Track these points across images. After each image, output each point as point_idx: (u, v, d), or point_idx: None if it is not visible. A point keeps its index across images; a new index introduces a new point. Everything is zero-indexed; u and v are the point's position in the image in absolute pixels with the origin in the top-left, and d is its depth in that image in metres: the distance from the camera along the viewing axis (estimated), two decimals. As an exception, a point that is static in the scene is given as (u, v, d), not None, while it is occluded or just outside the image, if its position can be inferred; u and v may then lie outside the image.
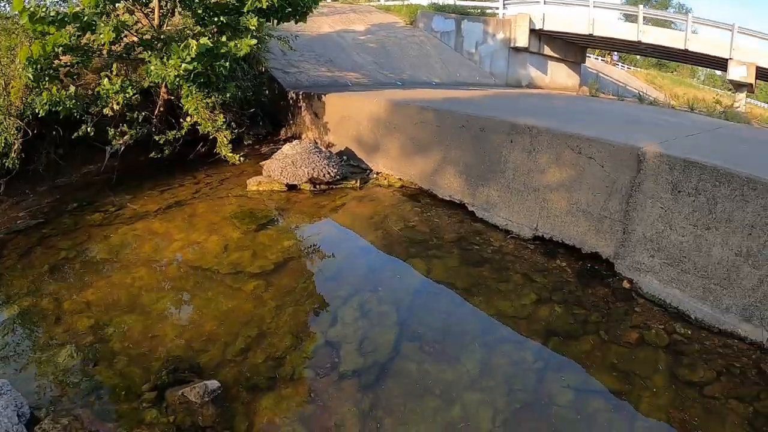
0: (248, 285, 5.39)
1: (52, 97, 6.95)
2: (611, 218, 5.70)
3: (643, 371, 4.37)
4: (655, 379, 4.29)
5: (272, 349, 4.51)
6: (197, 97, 7.93)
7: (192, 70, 7.14)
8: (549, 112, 8.41)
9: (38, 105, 7.00)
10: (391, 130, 8.53)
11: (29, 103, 7.28)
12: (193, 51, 6.90)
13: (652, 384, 4.24)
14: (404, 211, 7.38)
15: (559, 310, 5.15)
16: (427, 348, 4.59)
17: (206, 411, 3.87)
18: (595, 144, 5.77)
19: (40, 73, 6.93)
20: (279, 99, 11.25)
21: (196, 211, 7.19)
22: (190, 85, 7.63)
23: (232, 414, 3.90)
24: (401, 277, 5.74)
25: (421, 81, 15.45)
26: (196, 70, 7.21)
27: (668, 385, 4.22)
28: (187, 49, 6.93)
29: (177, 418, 3.83)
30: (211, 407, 3.90)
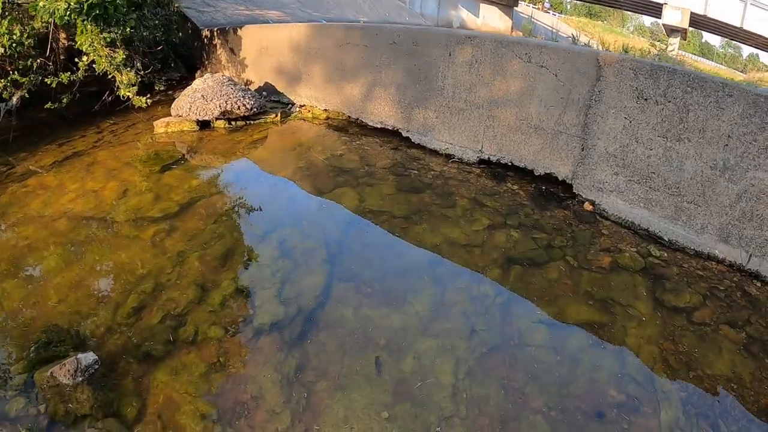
0: (147, 231, 4.47)
1: None
2: (567, 133, 5.11)
3: (624, 298, 3.82)
4: (638, 306, 3.77)
5: (171, 306, 3.59)
6: (92, 31, 6.87)
7: (84, 1, 6.22)
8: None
9: None
10: (314, 57, 7.62)
11: None
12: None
13: (636, 312, 3.70)
14: (330, 142, 6.56)
15: (516, 235, 4.48)
16: (366, 289, 3.75)
17: (81, 395, 2.90)
18: (548, 51, 5.13)
19: None
20: (193, 39, 10.22)
21: (96, 159, 6.19)
22: (84, 19, 6.60)
23: (117, 395, 2.98)
24: (329, 207, 4.88)
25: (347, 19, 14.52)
26: (89, 2, 6.27)
27: (653, 313, 3.71)
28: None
29: (48, 406, 2.88)
30: (87, 390, 2.93)
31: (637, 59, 4.56)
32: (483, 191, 5.16)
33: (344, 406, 2.91)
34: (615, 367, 3.25)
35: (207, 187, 5.24)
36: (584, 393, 3.09)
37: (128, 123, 7.61)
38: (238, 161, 6.17)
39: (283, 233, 4.37)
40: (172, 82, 9.57)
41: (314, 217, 4.70)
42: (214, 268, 3.95)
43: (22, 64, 6.93)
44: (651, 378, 3.21)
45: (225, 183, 5.39)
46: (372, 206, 4.86)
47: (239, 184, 5.45)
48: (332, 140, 6.60)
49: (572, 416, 2.94)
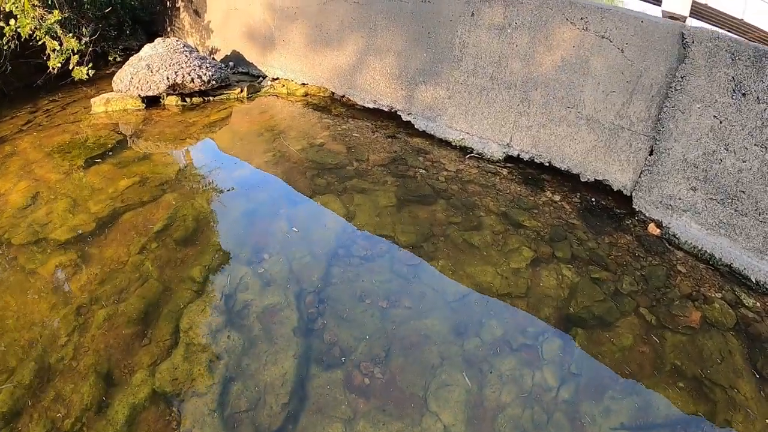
0: (50, 263, 3.21)
1: None
2: (632, 130, 4.12)
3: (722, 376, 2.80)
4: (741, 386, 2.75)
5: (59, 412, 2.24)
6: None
7: None
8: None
9: None
10: (292, 19, 6.37)
11: None
12: None
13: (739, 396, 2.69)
14: (309, 125, 5.27)
15: (570, 275, 3.33)
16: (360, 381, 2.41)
17: None
18: (612, 17, 4.01)
19: None
20: (154, 3, 9.19)
21: (17, 147, 5.02)
22: None
23: None
24: (303, 231, 3.51)
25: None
26: None
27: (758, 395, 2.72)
28: None
29: None
30: None
31: (738, 39, 3.54)
32: (516, 204, 3.99)
33: None
34: None
35: (138, 191, 3.88)
36: None
37: (70, 100, 6.44)
38: (186, 152, 4.88)
39: (234, 278, 2.96)
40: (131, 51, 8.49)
41: (281, 247, 3.31)
42: (126, 342, 2.55)
43: None
44: None
45: (162, 186, 4.01)
46: (365, 226, 3.56)
47: (180, 188, 4.09)
48: (311, 123, 5.32)
49: None
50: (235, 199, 3.90)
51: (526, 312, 2.94)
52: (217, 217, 3.67)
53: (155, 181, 4.01)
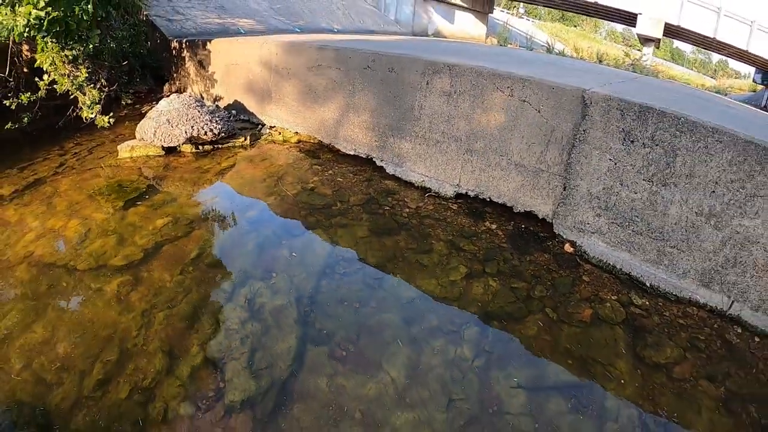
0: (112, 283, 4.14)
1: None
2: (549, 172, 4.95)
3: (604, 356, 3.66)
4: (619, 364, 3.61)
5: (139, 377, 3.29)
6: (53, 49, 6.48)
7: (45, 16, 5.81)
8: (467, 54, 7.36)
9: None
10: (286, 77, 7.34)
11: None
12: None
13: (615, 371, 3.56)
14: (301, 171, 6.26)
15: (495, 285, 4.28)
16: (339, 353, 3.51)
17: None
18: (530, 85, 4.94)
19: None
20: (162, 50, 9.88)
21: (58, 189, 5.81)
22: (44, 35, 6.20)
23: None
24: (300, 255, 4.62)
25: (321, 28, 14.26)
26: (50, 17, 5.86)
27: (633, 371, 3.58)
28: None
29: None
30: None
31: (625, 99, 4.41)
32: (461, 232, 4.96)
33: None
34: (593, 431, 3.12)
35: (172, 228, 4.92)
36: None
37: (93, 143, 7.24)
38: (205, 196, 5.84)
39: (252, 288, 4.10)
40: (140, 95, 9.27)
41: (284, 267, 4.42)
42: (181, 331, 3.67)
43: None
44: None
45: (191, 224, 5.05)
46: (345, 253, 4.62)
47: (206, 225, 5.14)
48: (304, 169, 6.32)
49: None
50: (248, 233, 4.94)
51: (456, 310, 3.95)
52: (236, 247, 4.73)
53: (185, 220, 5.03)
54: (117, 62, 8.23)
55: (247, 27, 11.74)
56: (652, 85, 6.91)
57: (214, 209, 5.49)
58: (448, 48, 8.67)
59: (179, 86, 9.62)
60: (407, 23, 19.77)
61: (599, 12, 26.03)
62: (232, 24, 11.66)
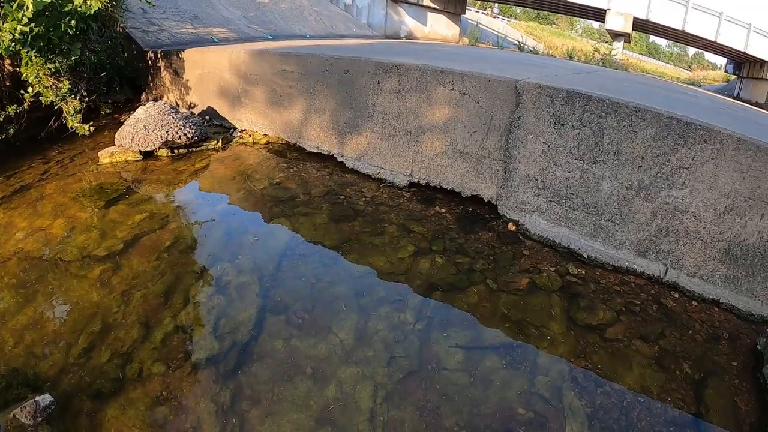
0: (94, 271, 4.62)
1: None
2: (490, 157, 5.34)
3: (538, 319, 4.05)
4: (552, 326, 3.99)
5: (118, 345, 3.78)
6: (37, 63, 6.84)
7: (29, 32, 6.11)
8: (423, 55, 7.80)
9: None
10: (254, 83, 7.78)
11: None
12: (29, 11, 5.89)
13: (548, 332, 3.93)
14: (270, 168, 6.70)
15: (440, 260, 4.71)
16: (295, 320, 3.98)
17: (42, 432, 3.16)
18: (469, 79, 5.34)
19: None
20: (138, 61, 10.19)
21: (43, 193, 6.23)
22: (28, 50, 6.54)
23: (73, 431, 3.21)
24: (263, 240, 5.08)
25: (294, 34, 14.63)
26: (33, 33, 6.18)
27: (566, 332, 3.93)
28: (22, 9, 5.90)
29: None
30: (47, 428, 3.19)
31: (553, 86, 4.80)
32: (411, 216, 5.39)
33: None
34: (525, 387, 3.49)
35: (149, 222, 5.36)
36: (494, 412, 3.33)
37: (74, 152, 7.62)
38: (180, 194, 6.29)
39: (219, 269, 4.56)
40: (119, 104, 9.59)
41: (249, 251, 4.88)
42: (156, 307, 4.14)
43: None
44: (559, 395, 3.44)
45: (166, 218, 5.50)
46: (305, 237, 5.06)
47: (180, 218, 5.60)
48: (271, 167, 6.76)
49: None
50: (218, 224, 5.39)
51: (403, 283, 4.38)
52: (206, 235, 5.18)
53: (161, 215, 5.44)
54: (95, 74, 8.58)
55: (220, 36, 12.11)
56: (607, 77, 7.35)
57: (188, 204, 5.96)
58: (410, 49, 9.15)
59: (155, 95, 9.99)
60: (379, 26, 20.15)
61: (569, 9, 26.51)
62: (205, 33, 12.00)
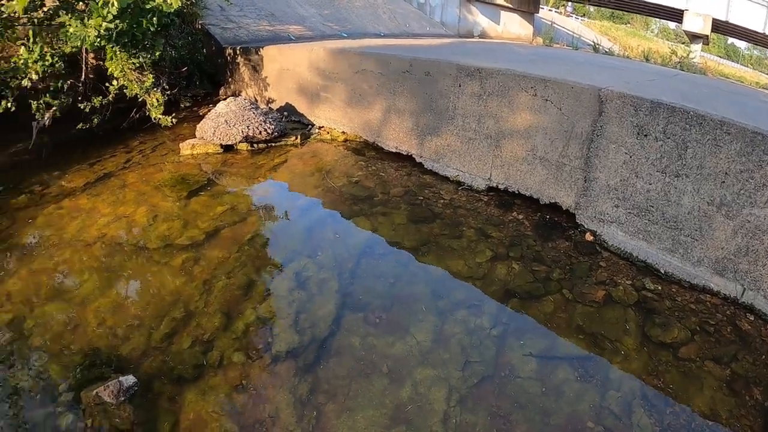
0: (177, 259, 4.80)
1: None
2: (571, 165, 5.27)
3: (612, 333, 3.98)
4: (626, 341, 3.91)
5: (199, 332, 3.94)
6: (122, 58, 7.15)
7: (114, 28, 6.41)
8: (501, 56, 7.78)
9: None
10: (333, 81, 7.92)
11: None
12: (114, 9, 6.17)
13: (622, 347, 3.86)
14: (348, 166, 6.82)
15: (517, 267, 4.70)
16: (373, 319, 4.06)
17: (123, 412, 3.31)
18: (552, 85, 5.29)
19: None
20: (217, 57, 10.51)
21: (126, 181, 6.50)
22: (113, 45, 6.87)
23: (153, 412, 3.35)
24: (343, 238, 5.19)
25: (368, 32, 14.72)
26: (118, 29, 6.47)
27: (640, 348, 3.86)
28: (107, 6, 6.18)
29: (94, 421, 3.27)
30: (128, 407, 3.35)
31: (637, 96, 4.70)
32: (489, 221, 5.40)
33: (348, 427, 3.22)
34: (596, 400, 3.46)
35: (230, 215, 5.54)
36: (565, 423, 3.31)
37: (156, 142, 7.92)
38: (259, 188, 6.46)
39: (300, 264, 4.69)
40: (197, 98, 9.92)
41: (329, 247, 5.00)
42: (237, 297, 4.30)
43: (54, 86, 7.28)
44: (629, 412, 3.40)
45: (247, 211, 5.68)
46: (384, 237, 5.15)
47: (260, 212, 5.76)
48: (350, 165, 6.87)
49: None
50: (298, 219, 5.55)
51: (480, 288, 4.41)
52: (286, 230, 5.33)
53: (241, 208, 5.64)
54: (176, 68, 8.94)
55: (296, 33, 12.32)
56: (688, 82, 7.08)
57: (268, 199, 6.13)
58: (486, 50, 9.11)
59: (234, 90, 10.26)
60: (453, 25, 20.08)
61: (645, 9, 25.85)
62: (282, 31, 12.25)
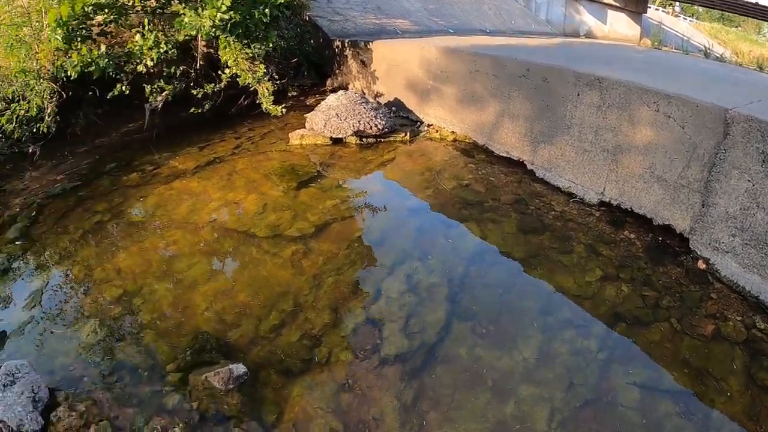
0: (286, 250, 4.97)
1: (83, 58, 6.58)
2: (689, 188, 5.08)
3: (718, 370, 3.85)
4: (731, 381, 3.77)
5: (308, 326, 4.09)
6: (235, 48, 7.43)
7: (228, 19, 6.67)
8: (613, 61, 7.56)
9: (69, 67, 6.66)
10: (444, 80, 7.94)
11: (61, 66, 6.91)
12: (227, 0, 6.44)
13: (726, 387, 3.73)
14: (457, 168, 6.84)
15: (626, 290, 4.62)
16: (480, 329, 4.11)
17: (231, 399, 3.48)
18: (676, 101, 5.09)
19: (71, 34, 6.55)
20: (324, 48, 10.77)
21: (235, 167, 6.76)
22: (227, 35, 7.14)
23: (259, 402, 3.51)
24: (453, 242, 5.25)
25: (473, 28, 14.57)
26: (232, 20, 6.74)
27: (744, 390, 3.71)
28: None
29: (200, 404, 3.45)
30: (236, 395, 3.51)
31: (765, 121, 4.46)
32: (600, 238, 5.32)
33: (451, 439, 3.29)
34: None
35: (340, 209, 5.70)
36: None
37: (264, 130, 8.21)
38: (369, 184, 6.58)
39: (410, 266, 4.79)
40: (304, 87, 10.24)
41: (440, 250, 5.08)
42: (346, 295, 4.44)
43: (167, 71, 7.63)
44: None
45: (357, 207, 5.84)
46: (493, 245, 5.19)
47: (371, 208, 5.87)
48: (459, 167, 6.90)
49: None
50: (408, 219, 5.64)
51: (588, 308, 4.37)
52: (397, 229, 5.44)
53: (351, 203, 5.79)
54: (286, 59, 9.26)
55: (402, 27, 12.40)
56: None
57: (378, 196, 6.23)
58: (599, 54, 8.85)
59: (341, 82, 10.46)
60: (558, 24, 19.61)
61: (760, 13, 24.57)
62: (388, 24, 12.35)
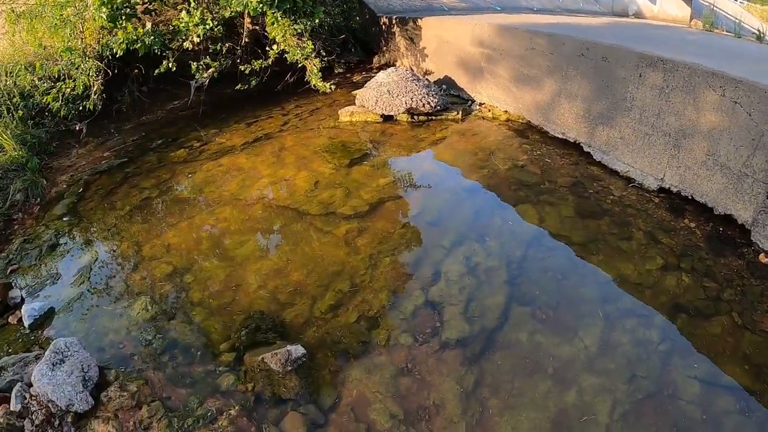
0: (340, 228, 4.96)
1: (128, 35, 6.69)
2: (754, 177, 4.90)
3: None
4: None
5: (366, 308, 4.08)
6: (283, 23, 7.39)
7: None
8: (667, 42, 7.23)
9: (115, 45, 6.80)
10: (497, 58, 7.79)
11: (106, 44, 7.06)
12: None
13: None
14: (512, 149, 6.74)
15: (687, 280, 4.52)
16: (540, 315, 4.06)
17: (288, 382, 3.48)
18: (744, 87, 4.89)
19: (115, 12, 6.64)
20: (370, 25, 10.71)
21: (284, 144, 6.76)
22: (274, 11, 7.13)
23: (317, 384, 3.51)
24: (512, 225, 5.18)
25: (520, 6, 14.16)
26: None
27: None
28: None
29: (256, 386, 3.47)
30: (294, 378, 3.50)
31: None
32: (660, 225, 5.20)
33: (511, 427, 3.27)
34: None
35: (394, 188, 5.67)
36: None
37: (312, 107, 8.21)
38: (422, 163, 6.52)
39: (468, 248, 4.74)
40: (350, 64, 10.23)
41: (497, 232, 5.03)
42: (404, 276, 4.42)
43: (213, 48, 7.64)
44: None
45: (411, 186, 5.79)
46: (551, 228, 5.11)
47: (425, 187, 5.83)
48: (513, 147, 6.80)
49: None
50: (463, 201, 5.58)
51: (649, 298, 4.29)
52: (453, 209, 5.38)
53: (404, 182, 5.74)
54: (332, 35, 9.23)
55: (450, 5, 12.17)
56: None
57: (431, 175, 6.17)
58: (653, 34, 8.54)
59: (388, 59, 10.38)
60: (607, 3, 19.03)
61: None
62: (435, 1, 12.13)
